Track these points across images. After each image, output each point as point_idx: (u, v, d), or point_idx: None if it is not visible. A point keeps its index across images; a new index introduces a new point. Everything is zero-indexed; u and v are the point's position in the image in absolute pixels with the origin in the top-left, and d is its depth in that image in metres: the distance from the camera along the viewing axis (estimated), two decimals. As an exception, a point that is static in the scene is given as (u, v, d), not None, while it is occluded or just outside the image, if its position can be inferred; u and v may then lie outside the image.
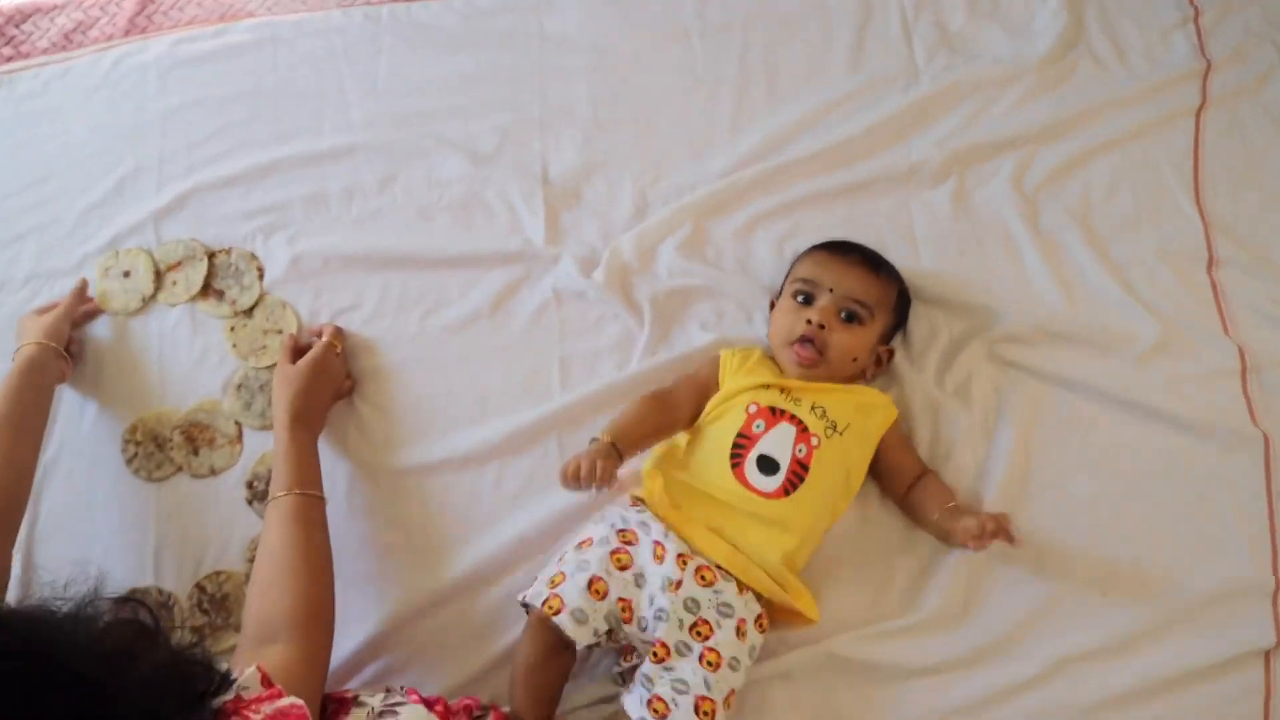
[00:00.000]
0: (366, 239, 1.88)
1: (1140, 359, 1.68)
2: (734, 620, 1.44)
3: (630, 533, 1.51)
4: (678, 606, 1.42)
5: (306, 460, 1.56)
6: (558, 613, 1.41)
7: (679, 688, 1.38)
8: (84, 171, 1.98)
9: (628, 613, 1.44)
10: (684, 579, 1.45)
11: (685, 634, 1.42)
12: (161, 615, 1.47)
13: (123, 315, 1.87)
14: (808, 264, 1.67)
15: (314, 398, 1.65)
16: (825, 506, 1.54)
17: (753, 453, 1.53)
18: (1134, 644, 1.53)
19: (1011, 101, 1.90)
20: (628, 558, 1.48)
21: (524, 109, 1.96)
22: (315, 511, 1.50)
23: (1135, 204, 1.81)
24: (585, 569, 1.46)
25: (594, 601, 1.42)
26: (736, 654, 1.43)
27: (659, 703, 1.37)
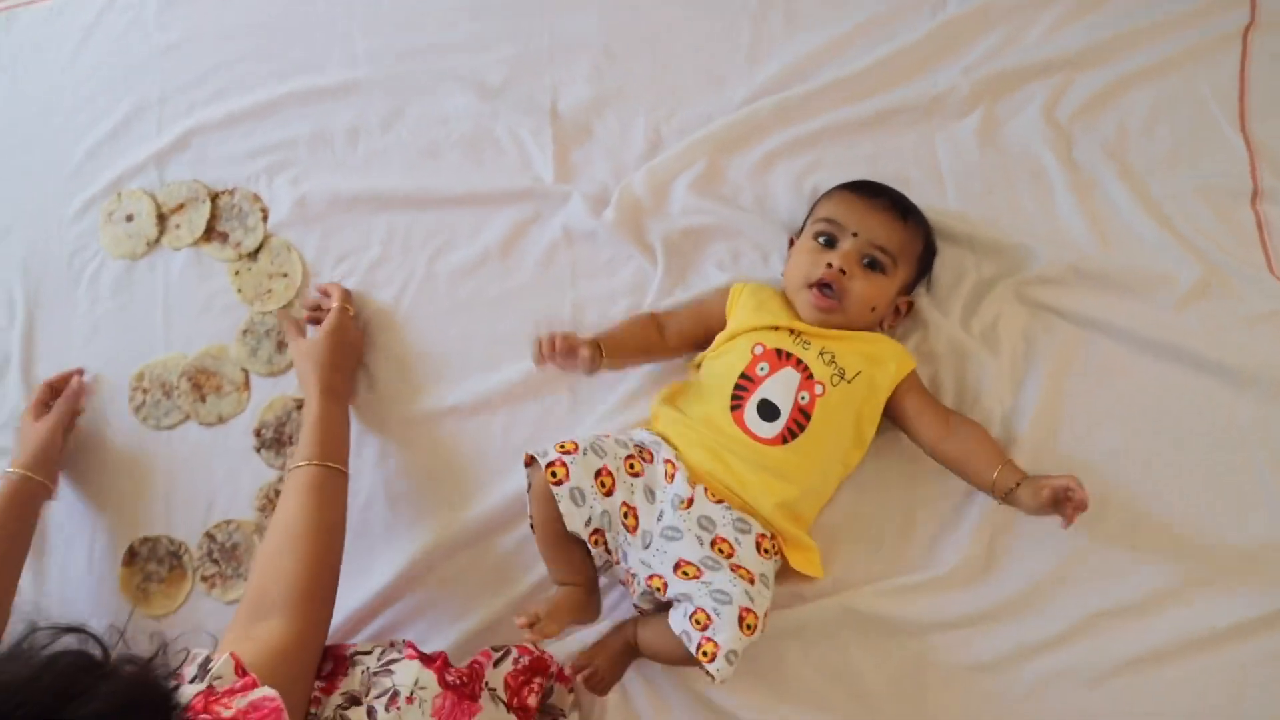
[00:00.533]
0: (372, 178, 1.84)
1: (1178, 302, 1.59)
2: (752, 536, 1.41)
3: (646, 450, 1.50)
4: (691, 524, 1.40)
5: (333, 432, 1.52)
6: (560, 483, 1.41)
7: (720, 599, 1.35)
8: (84, 111, 1.95)
9: (632, 520, 1.43)
10: (695, 496, 1.42)
11: (707, 550, 1.39)
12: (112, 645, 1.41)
13: (128, 260, 1.84)
14: (832, 204, 1.59)
15: (340, 368, 1.62)
16: (829, 457, 1.49)
17: (754, 397, 1.48)
18: (1163, 601, 1.48)
19: (1046, 25, 1.78)
20: (640, 467, 1.47)
21: (532, 40, 1.89)
22: (332, 484, 1.46)
23: (1175, 136, 1.70)
24: (600, 454, 1.45)
25: (597, 492, 1.42)
26: (764, 570, 1.40)
27: (700, 614, 1.35)
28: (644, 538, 1.42)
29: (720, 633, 1.33)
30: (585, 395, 1.68)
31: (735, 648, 1.32)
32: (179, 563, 1.68)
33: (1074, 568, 1.51)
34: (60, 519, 1.72)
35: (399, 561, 1.61)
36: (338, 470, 1.48)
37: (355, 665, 1.31)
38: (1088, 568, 1.51)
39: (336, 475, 1.47)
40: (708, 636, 1.33)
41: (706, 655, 1.32)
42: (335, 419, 1.54)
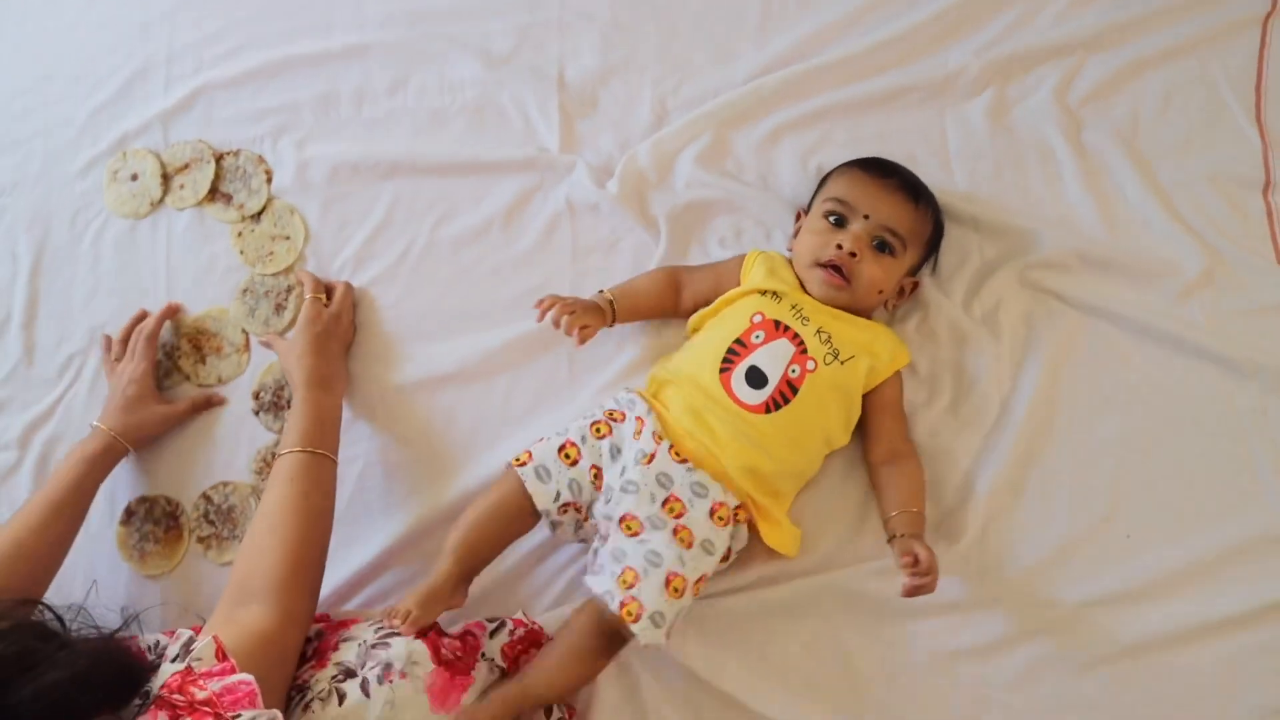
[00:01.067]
0: (377, 143, 1.82)
1: (1182, 291, 1.59)
2: (708, 501, 1.41)
3: (618, 413, 1.50)
4: (649, 479, 1.40)
5: (319, 419, 1.51)
6: (523, 464, 1.43)
7: (651, 559, 1.36)
8: (90, 70, 1.94)
9: (599, 481, 1.43)
10: (658, 452, 1.42)
11: (656, 508, 1.39)
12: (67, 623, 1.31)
13: (131, 219, 1.83)
14: (844, 182, 1.57)
15: (321, 356, 1.60)
16: (811, 434, 1.48)
17: (744, 362, 1.47)
18: (1156, 591, 1.48)
19: (1059, 7, 1.76)
20: (607, 429, 1.47)
21: (541, 8, 1.87)
22: (319, 470, 1.46)
23: (1187, 122, 1.69)
24: (563, 434, 1.47)
25: (562, 465, 1.43)
26: (711, 536, 1.40)
27: (629, 573, 1.35)
28: (606, 493, 1.43)
29: (645, 593, 1.33)
30: (584, 365, 1.68)
31: (661, 609, 1.33)
32: (175, 523, 1.68)
33: (1068, 556, 1.51)
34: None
35: (394, 529, 1.61)
36: (324, 456, 1.47)
37: (351, 639, 1.31)
38: (1082, 556, 1.51)
39: (323, 461, 1.47)
40: (632, 595, 1.33)
41: (631, 615, 1.31)
42: (321, 406, 1.53)
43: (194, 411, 1.71)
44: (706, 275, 1.64)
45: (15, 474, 1.74)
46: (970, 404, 1.58)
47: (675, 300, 1.63)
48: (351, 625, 1.38)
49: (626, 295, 1.60)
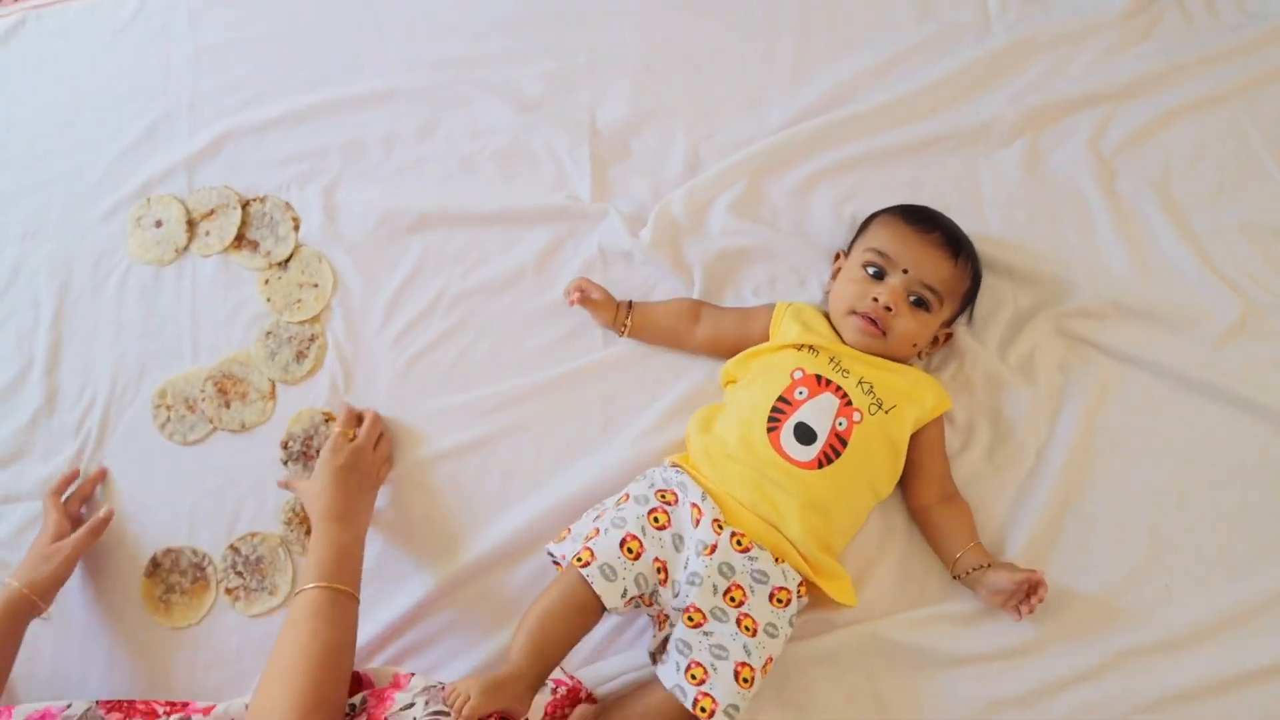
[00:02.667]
0: (406, 190, 1.82)
1: (1216, 339, 1.60)
2: (768, 587, 1.40)
3: (670, 493, 1.47)
4: (712, 571, 1.38)
5: (337, 556, 1.44)
6: (586, 565, 1.37)
7: (718, 654, 1.35)
8: (114, 114, 1.92)
9: (664, 575, 1.40)
10: (719, 543, 1.40)
11: (719, 599, 1.38)
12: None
13: (155, 266, 1.81)
14: (885, 233, 1.57)
15: (342, 493, 1.53)
16: (862, 485, 1.48)
17: (791, 420, 1.47)
18: (1193, 641, 1.49)
19: (1091, 57, 1.79)
20: (665, 518, 1.44)
21: (570, 55, 1.87)
22: (336, 608, 1.38)
23: (1219, 171, 1.71)
24: (621, 526, 1.42)
25: (626, 560, 1.38)
26: (774, 620, 1.39)
27: (697, 668, 1.34)
28: (673, 587, 1.41)
29: (717, 688, 1.33)
30: (618, 415, 1.67)
31: (735, 702, 1.33)
32: (202, 574, 1.66)
33: (1106, 604, 1.51)
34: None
35: (425, 582, 1.60)
36: (342, 592, 1.40)
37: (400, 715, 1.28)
38: (1120, 604, 1.51)
39: (340, 596, 1.39)
40: (704, 691, 1.33)
41: (705, 711, 1.32)
42: (340, 541, 1.46)
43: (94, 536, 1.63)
44: (733, 317, 1.64)
45: (37, 523, 1.68)
46: (1006, 452, 1.58)
47: (690, 331, 1.63)
48: (393, 692, 1.35)
49: (644, 306, 1.63)
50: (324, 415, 1.72)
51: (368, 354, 1.74)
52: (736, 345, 1.60)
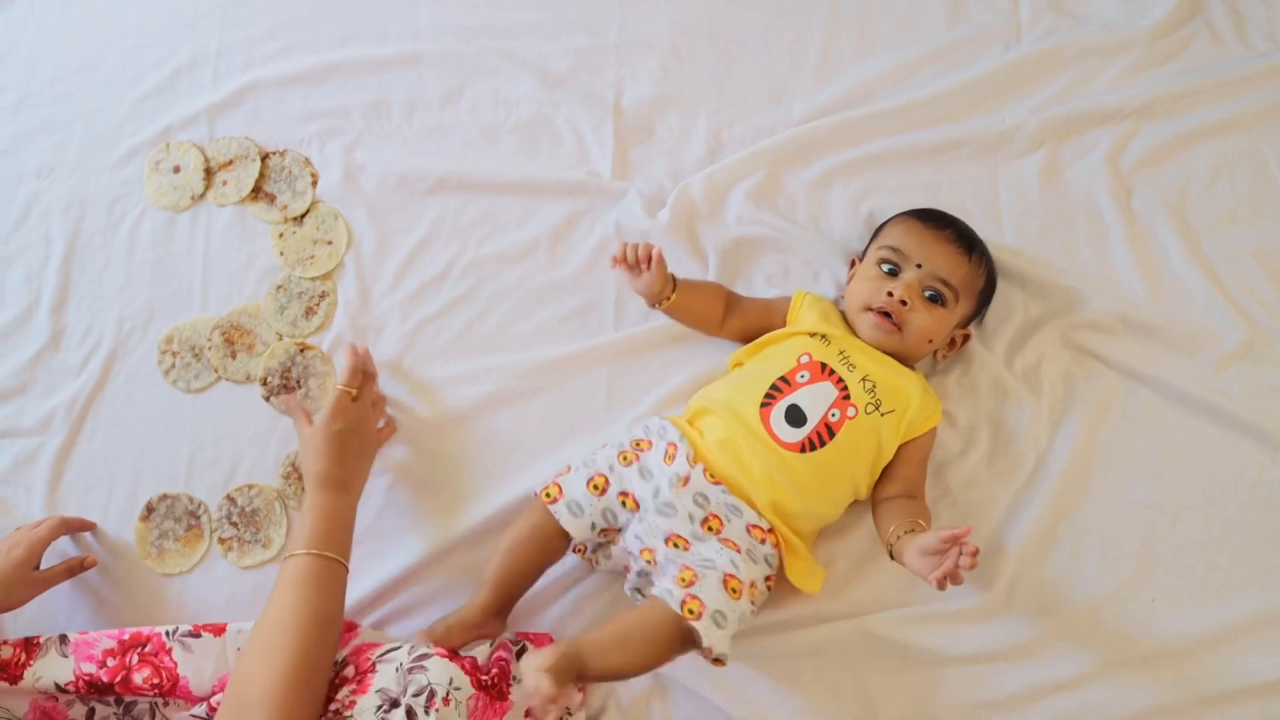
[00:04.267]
0: (427, 155, 1.82)
1: (1220, 361, 1.62)
2: (744, 520, 1.42)
3: (646, 441, 1.51)
4: (685, 500, 1.41)
5: (329, 523, 1.42)
6: (554, 501, 1.44)
7: (705, 565, 1.37)
8: (138, 58, 1.91)
9: (631, 502, 1.44)
10: (692, 475, 1.42)
11: (697, 526, 1.40)
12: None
13: (170, 212, 1.81)
14: (899, 231, 1.59)
15: (338, 458, 1.50)
16: (842, 478, 1.49)
17: (785, 400, 1.47)
18: (1180, 657, 1.50)
19: (1116, 72, 1.80)
20: (634, 456, 1.48)
21: (601, 32, 1.88)
22: (323, 575, 1.36)
23: (1235, 195, 1.72)
24: (591, 466, 1.48)
25: (592, 497, 1.44)
26: (751, 548, 1.41)
27: (686, 571, 1.36)
28: (642, 514, 1.43)
29: (705, 591, 1.33)
30: (622, 390, 1.68)
31: (721, 608, 1.32)
32: (196, 522, 1.66)
33: (1093, 615, 1.53)
34: (78, 469, 1.70)
35: (422, 544, 1.60)
36: (331, 559, 1.38)
37: (388, 659, 1.29)
38: (1107, 616, 1.53)
39: (329, 564, 1.38)
40: (692, 594, 1.32)
41: (693, 613, 1.30)
42: (332, 508, 1.45)
43: (68, 575, 1.60)
44: (757, 306, 1.65)
45: (35, 459, 1.70)
46: (1006, 458, 1.60)
47: (721, 317, 1.63)
48: (378, 645, 1.36)
49: (688, 284, 1.61)
50: (298, 345, 1.72)
51: (377, 314, 1.74)
52: (759, 334, 1.61)
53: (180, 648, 1.41)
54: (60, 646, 1.41)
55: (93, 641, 1.42)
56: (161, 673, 1.39)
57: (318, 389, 1.71)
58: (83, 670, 1.39)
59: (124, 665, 1.40)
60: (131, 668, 1.39)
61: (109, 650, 1.41)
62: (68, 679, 1.39)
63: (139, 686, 1.38)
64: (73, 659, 1.40)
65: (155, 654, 1.41)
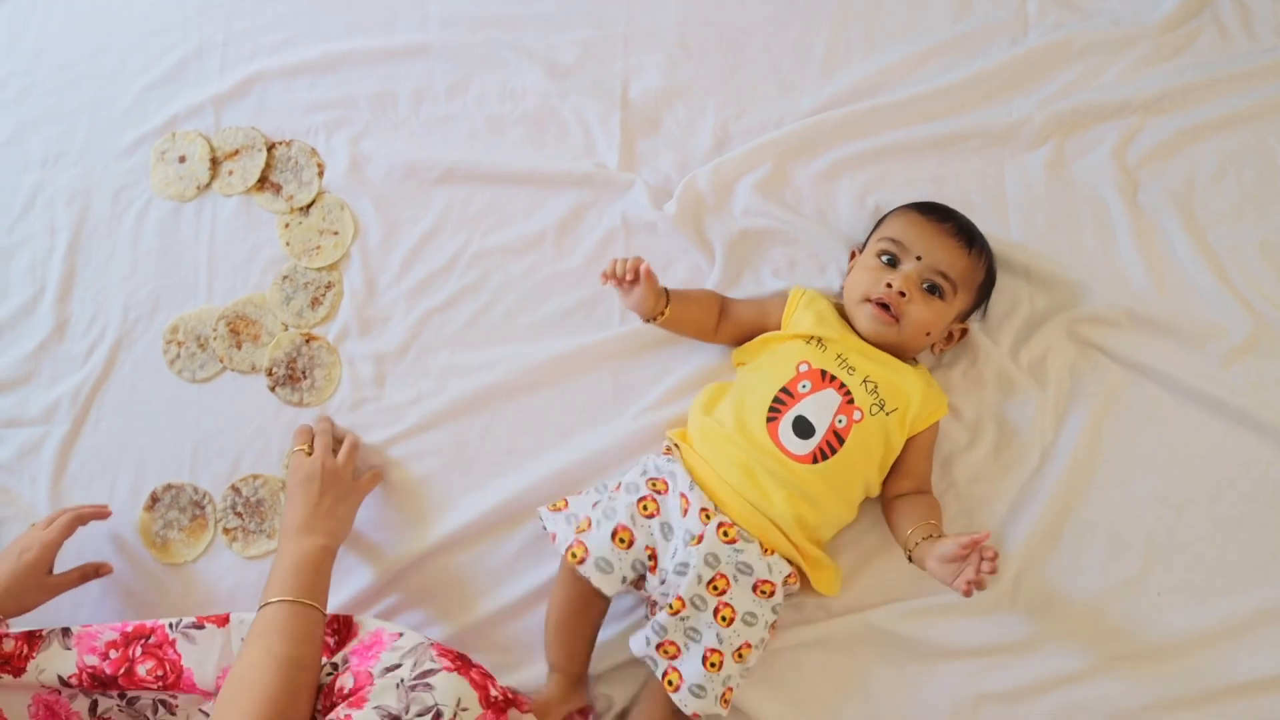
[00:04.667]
0: (433, 146, 1.82)
1: (1226, 355, 1.62)
2: (751, 579, 1.42)
3: (661, 481, 1.50)
4: (698, 562, 1.40)
5: (296, 567, 1.41)
6: (582, 561, 1.41)
7: (691, 635, 1.40)
8: (145, 46, 1.91)
9: (653, 562, 1.44)
10: (706, 533, 1.41)
11: (702, 588, 1.40)
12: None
13: (176, 202, 1.81)
14: (899, 223, 1.59)
15: (302, 508, 1.49)
16: (855, 482, 1.49)
17: (791, 412, 1.47)
18: (1184, 651, 1.51)
19: (1124, 66, 1.80)
20: (655, 506, 1.47)
21: (609, 24, 1.87)
22: (295, 620, 1.35)
23: (1241, 189, 1.72)
24: (611, 517, 1.45)
25: (619, 551, 1.42)
26: (753, 610, 1.41)
27: (670, 645, 1.40)
28: (661, 574, 1.43)
29: (685, 665, 1.39)
30: (627, 384, 1.68)
31: (700, 682, 1.38)
32: (201, 513, 1.66)
33: (1098, 608, 1.53)
34: (82, 458, 1.70)
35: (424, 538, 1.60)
36: (299, 604, 1.36)
37: (385, 676, 1.26)
38: (1112, 610, 1.54)
39: (298, 609, 1.36)
40: (674, 666, 1.39)
41: (672, 685, 1.38)
42: (298, 551, 1.43)
43: (82, 580, 1.60)
44: (751, 308, 1.64)
45: (40, 449, 1.70)
46: (1012, 451, 1.60)
47: (715, 325, 1.63)
48: (378, 650, 1.33)
49: (681, 296, 1.60)
50: (304, 336, 1.73)
51: (382, 305, 1.74)
52: (756, 333, 1.61)
53: (184, 639, 1.40)
54: (63, 639, 1.40)
55: (95, 634, 1.41)
56: (165, 664, 1.39)
57: (323, 379, 1.70)
58: (86, 663, 1.39)
59: (127, 657, 1.39)
60: (135, 660, 1.39)
61: (112, 642, 1.40)
62: (70, 672, 1.38)
63: (143, 679, 1.38)
64: (75, 651, 1.39)
65: (159, 646, 1.40)
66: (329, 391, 1.69)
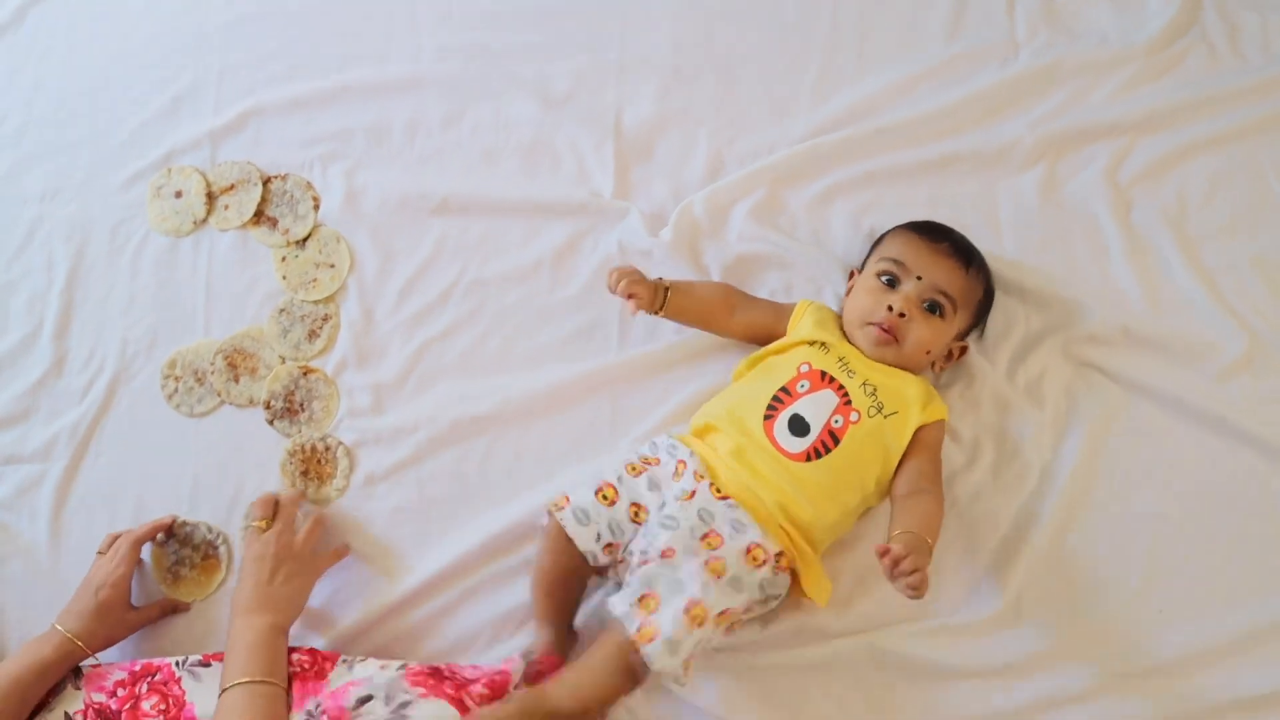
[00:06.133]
0: (428, 177, 1.83)
1: (1222, 373, 1.62)
2: (745, 539, 1.40)
3: (654, 458, 1.52)
4: (689, 514, 1.40)
5: (248, 648, 1.39)
6: (560, 509, 1.44)
7: (674, 587, 1.35)
8: (142, 82, 1.92)
9: (641, 516, 1.45)
10: (698, 490, 1.42)
11: (694, 540, 1.39)
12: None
13: (172, 237, 1.82)
14: (897, 244, 1.60)
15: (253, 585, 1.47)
16: (850, 484, 1.48)
17: (787, 410, 1.48)
18: (1188, 667, 1.50)
19: (1113, 87, 1.81)
20: (642, 467, 1.49)
21: (601, 52, 1.89)
22: (264, 700, 1.34)
23: (1233, 207, 1.73)
24: (597, 476, 1.48)
25: (600, 505, 1.45)
26: (740, 574, 1.39)
27: (651, 599, 1.34)
28: (647, 527, 1.43)
29: (663, 618, 1.32)
30: (626, 411, 1.68)
31: (676, 637, 1.31)
32: (214, 553, 1.65)
33: (1101, 626, 1.53)
34: (81, 494, 1.69)
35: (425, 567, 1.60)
36: (254, 684, 1.35)
37: (361, 710, 1.26)
38: (1114, 627, 1.53)
39: (260, 688, 1.35)
40: (650, 619, 1.32)
41: (645, 638, 1.30)
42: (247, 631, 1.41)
43: (162, 615, 1.61)
44: (767, 307, 1.65)
45: (39, 485, 1.70)
46: (1012, 470, 1.60)
47: (726, 318, 1.63)
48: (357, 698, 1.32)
49: (681, 289, 1.60)
50: (302, 369, 1.73)
51: (379, 336, 1.74)
52: (769, 335, 1.62)
53: (189, 677, 1.41)
54: (74, 679, 1.42)
55: (105, 673, 1.42)
56: (169, 700, 1.39)
57: (321, 411, 1.70)
58: (93, 699, 1.39)
59: (133, 695, 1.40)
60: (140, 696, 1.39)
61: (120, 681, 1.41)
62: (77, 709, 1.39)
63: (146, 714, 1.38)
64: (84, 690, 1.40)
65: (165, 683, 1.41)
66: (327, 423, 1.69)
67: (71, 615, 1.49)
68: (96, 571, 1.54)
